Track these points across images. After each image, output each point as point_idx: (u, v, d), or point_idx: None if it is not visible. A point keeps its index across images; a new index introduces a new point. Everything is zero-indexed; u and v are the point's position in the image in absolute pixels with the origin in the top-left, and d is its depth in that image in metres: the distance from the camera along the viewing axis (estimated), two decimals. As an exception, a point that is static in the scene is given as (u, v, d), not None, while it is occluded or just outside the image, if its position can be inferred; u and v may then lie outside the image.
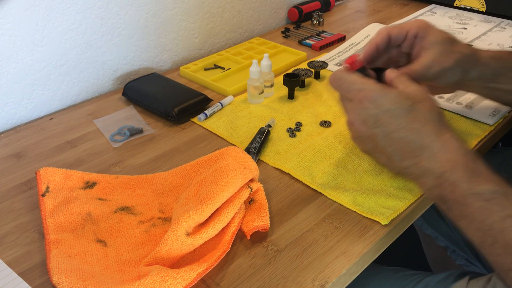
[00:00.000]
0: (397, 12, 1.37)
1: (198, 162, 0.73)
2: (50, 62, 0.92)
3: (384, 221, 0.64)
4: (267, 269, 0.58)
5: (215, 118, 0.88)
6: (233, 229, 0.61)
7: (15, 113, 0.91)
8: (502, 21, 1.27)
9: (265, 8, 1.29)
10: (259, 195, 0.67)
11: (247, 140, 0.82)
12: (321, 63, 1.00)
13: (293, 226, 0.65)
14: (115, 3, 0.97)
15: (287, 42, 1.20)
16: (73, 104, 0.98)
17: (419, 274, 0.79)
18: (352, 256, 0.60)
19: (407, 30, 0.72)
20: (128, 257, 0.60)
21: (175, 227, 0.57)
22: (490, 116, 0.85)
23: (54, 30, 0.91)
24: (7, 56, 0.86)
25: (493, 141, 0.83)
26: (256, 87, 0.91)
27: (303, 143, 0.80)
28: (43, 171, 0.71)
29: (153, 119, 0.90)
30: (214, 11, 1.16)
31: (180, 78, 1.04)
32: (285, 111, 0.90)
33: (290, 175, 0.74)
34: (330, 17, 1.36)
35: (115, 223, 0.65)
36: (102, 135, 0.86)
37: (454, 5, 1.36)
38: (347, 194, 0.69)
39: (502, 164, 1.02)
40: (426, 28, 0.72)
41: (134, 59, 1.05)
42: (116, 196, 0.70)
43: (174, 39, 1.11)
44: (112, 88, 1.04)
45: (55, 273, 0.56)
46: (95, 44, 0.97)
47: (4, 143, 0.84)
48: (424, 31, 0.71)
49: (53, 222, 0.64)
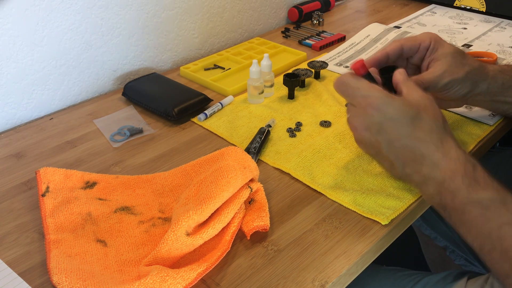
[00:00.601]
0: (397, 12, 1.37)
1: (198, 162, 0.73)
2: (50, 62, 0.92)
3: (384, 221, 0.64)
4: (267, 269, 0.58)
5: (215, 118, 0.88)
6: (233, 229, 0.61)
7: (15, 113, 0.91)
8: (502, 21, 1.27)
9: (265, 8, 1.29)
10: (259, 195, 0.67)
11: (247, 140, 0.82)
12: (321, 63, 1.00)
13: (293, 226, 0.65)
14: (115, 3, 0.97)
15: (287, 42, 1.20)
16: (73, 104, 0.98)
17: (418, 274, 0.79)
18: (352, 256, 0.60)
19: (420, 42, 0.73)
20: (128, 257, 0.60)
21: (175, 227, 0.57)
22: (490, 116, 0.85)
23: (54, 30, 0.91)
24: (7, 56, 0.86)
25: (493, 141, 0.83)
26: (256, 87, 0.91)
27: (303, 143, 0.80)
28: (43, 171, 0.71)
29: (153, 119, 0.90)
30: (214, 11, 1.16)
31: (180, 78, 1.04)
32: (285, 111, 0.90)
33: (290, 175, 0.74)
34: (330, 17, 1.36)
35: (115, 223, 0.65)
36: (102, 135, 0.86)
37: (454, 5, 1.36)
38: (347, 194, 0.69)
39: (500, 164, 1.02)
40: (438, 41, 0.73)
41: (134, 59, 1.05)
42: (116, 196, 0.70)
43: (174, 39, 1.11)
44: (112, 88, 1.04)
45: (55, 273, 0.56)
46: (95, 44, 0.97)
47: (4, 143, 0.84)
48: (436, 44, 0.73)
49: (53, 222, 0.64)
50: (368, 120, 0.63)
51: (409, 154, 0.62)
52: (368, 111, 0.63)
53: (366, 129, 0.64)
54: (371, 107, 0.62)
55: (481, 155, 0.81)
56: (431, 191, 0.61)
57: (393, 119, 0.61)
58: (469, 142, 0.79)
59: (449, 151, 0.61)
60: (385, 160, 0.65)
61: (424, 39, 0.73)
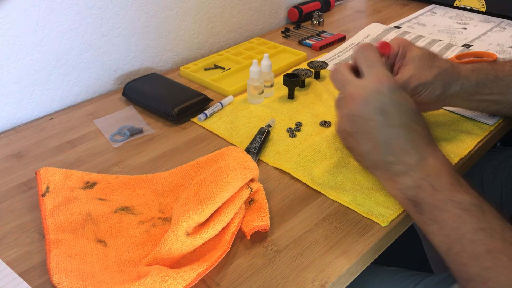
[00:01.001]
0: (397, 12, 1.37)
1: (198, 162, 0.73)
2: (50, 62, 0.92)
3: (384, 223, 0.64)
4: (267, 269, 0.58)
5: (215, 118, 0.88)
6: (233, 229, 0.61)
7: (15, 113, 0.91)
8: (502, 21, 1.27)
9: (265, 8, 1.29)
10: (259, 195, 0.67)
11: (247, 140, 0.82)
12: (321, 63, 1.00)
13: (293, 226, 0.65)
14: (115, 3, 0.97)
15: (287, 42, 1.20)
16: (73, 104, 0.98)
17: (419, 274, 0.79)
18: (352, 256, 0.60)
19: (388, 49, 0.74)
20: (128, 257, 0.60)
21: (175, 227, 0.57)
22: (490, 116, 0.85)
23: (54, 30, 0.91)
24: (7, 56, 0.86)
25: (493, 141, 0.83)
26: (256, 87, 0.91)
27: (303, 143, 0.80)
28: (43, 171, 0.71)
29: (153, 119, 0.90)
30: (214, 11, 1.16)
31: (180, 78, 1.04)
32: (285, 111, 0.90)
33: (290, 175, 0.74)
34: (330, 17, 1.36)
35: (115, 223, 0.65)
36: (102, 135, 0.86)
37: (454, 5, 1.36)
38: (347, 193, 0.69)
39: (500, 164, 1.02)
40: (406, 46, 0.74)
41: (134, 59, 1.05)
42: (116, 196, 0.70)
43: (174, 39, 1.11)
44: (112, 88, 1.04)
45: (55, 273, 0.56)
46: (95, 44, 0.97)
47: (4, 143, 0.84)
48: (404, 49, 0.74)
49: (53, 222, 0.64)
50: (375, 96, 0.62)
51: (403, 143, 0.62)
52: (380, 87, 0.62)
53: (368, 104, 0.62)
54: (385, 85, 0.63)
55: (481, 155, 0.81)
56: (409, 183, 0.61)
57: (398, 105, 0.62)
58: (469, 142, 0.79)
59: (436, 151, 0.63)
60: (370, 142, 0.63)
61: (393, 46, 0.74)
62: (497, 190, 1.01)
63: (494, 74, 0.77)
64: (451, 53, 1.06)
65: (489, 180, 1.02)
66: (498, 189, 1.01)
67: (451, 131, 0.82)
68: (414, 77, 0.72)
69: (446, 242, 0.56)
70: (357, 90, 0.64)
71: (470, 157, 0.77)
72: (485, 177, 1.03)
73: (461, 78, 0.75)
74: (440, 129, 0.82)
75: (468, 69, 0.76)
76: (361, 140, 0.64)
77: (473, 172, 1.00)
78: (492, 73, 0.77)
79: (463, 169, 0.77)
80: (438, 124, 0.84)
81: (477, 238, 0.54)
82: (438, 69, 0.73)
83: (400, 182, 0.62)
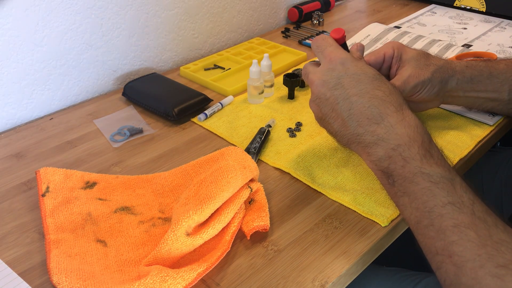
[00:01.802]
0: (397, 12, 1.37)
1: (198, 162, 0.73)
2: (50, 62, 0.92)
3: (384, 223, 0.64)
4: (267, 269, 0.58)
5: (215, 118, 0.88)
6: (233, 229, 0.61)
7: (15, 113, 0.91)
8: (502, 21, 1.27)
9: (265, 8, 1.29)
10: (259, 195, 0.67)
11: (247, 140, 0.82)
12: (321, 63, 1.00)
13: (293, 226, 0.65)
14: (115, 3, 0.97)
15: (287, 42, 1.20)
16: (73, 104, 0.98)
17: (419, 274, 0.79)
18: (352, 256, 0.60)
19: (383, 53, 0.76)
20: (128, 257, 0.60)
21: (175, 227, 0.57)
22: (490, 116, 0.85)
23: (54, 30, 0.91)
24: (7, 56, 0.86)
25: (493, 141, 0.83)
26: (256, 87, 0.91)
27: (303, 143, 0.80)
28: (43, 171, 0.71)
29: (153, 119, 0.90)
30: (214, 11, 1.16)
31: (180, 78, 1.04)
32: (285, 111, 0.90)
33: (290, 175, 0.74)
34: (330, 17, 1.36)
35: (115, 223, 0.65)
36: (102, 135, 0.86)
37: (454, 5, 1.36)
38: (347, 193, 0.69)
39: (500, 164, 1.02)
40: (400, 48, 0.76)
41: (134, 59, 1.05)
42: (116, 196, 0.70)
43: (174, 39, 1.11)
44: (112, 88, 1.04)
45: (55, 273, 0.56)
46: (95, 44, 0.97)
47: (4, 143, 0.84)
48: (399, 51, 0.76)
49: (53, 222, 0.64)
50: (329, 74, 0.64)
51: (366, 112, 0.61)
52: (331, 65, 0.65)
53: (324, 83, 0.64)
54: (337, 59, 0.65)
55: (481, 155, 0.81)
56: (380, 154, 0.59)
57: (354, 75, 0.63)
58: (469, 142, 0.79)
59: (408, 117, 0.60)
60: (337, 120, 0.64)
61: (387, 49, 0.76)
62: (496, 190, 1.01)
63: (488, 72, 0.78)
64: (451, 53, 1.05)
65: (488, 180, 1.02)
66: (498, 189, 1.01)
67: (451, 131, 0.82)
68: (412, 77, 0.73)
69: (416, 215, 0.56)
70: (314, 75, 0.66)
71: (470, 157, 0.77)
72: (485, 177, 1.03)
73: (457, 73, 0.77)
74: (440, 129, 0.82)
75: (463, 65, 0.78)
76: (330, 120, 0.65)
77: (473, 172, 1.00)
78: (486, 70, 0.78)
79: (463, 169, 0.77)
80: (438, 124, 0.84)
81: (445, 212, 0.53)
82: (434, 66, 0.75)
83: (372, 153, 0.61)
